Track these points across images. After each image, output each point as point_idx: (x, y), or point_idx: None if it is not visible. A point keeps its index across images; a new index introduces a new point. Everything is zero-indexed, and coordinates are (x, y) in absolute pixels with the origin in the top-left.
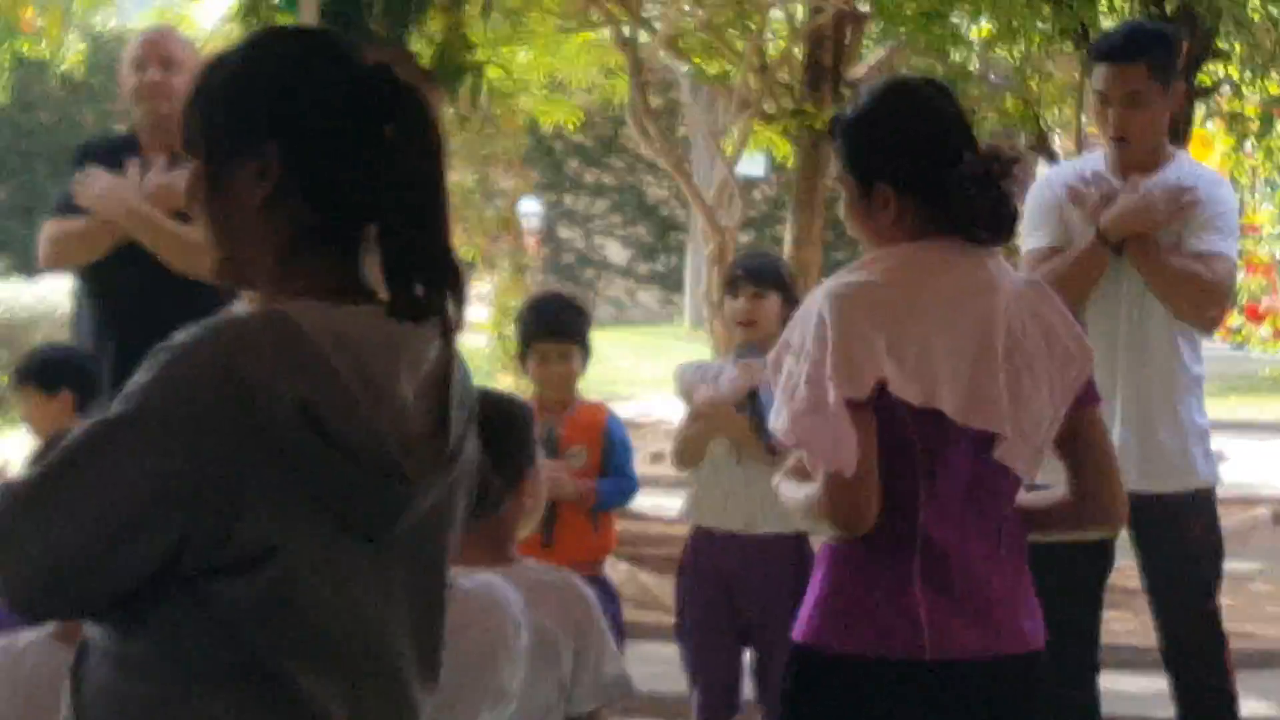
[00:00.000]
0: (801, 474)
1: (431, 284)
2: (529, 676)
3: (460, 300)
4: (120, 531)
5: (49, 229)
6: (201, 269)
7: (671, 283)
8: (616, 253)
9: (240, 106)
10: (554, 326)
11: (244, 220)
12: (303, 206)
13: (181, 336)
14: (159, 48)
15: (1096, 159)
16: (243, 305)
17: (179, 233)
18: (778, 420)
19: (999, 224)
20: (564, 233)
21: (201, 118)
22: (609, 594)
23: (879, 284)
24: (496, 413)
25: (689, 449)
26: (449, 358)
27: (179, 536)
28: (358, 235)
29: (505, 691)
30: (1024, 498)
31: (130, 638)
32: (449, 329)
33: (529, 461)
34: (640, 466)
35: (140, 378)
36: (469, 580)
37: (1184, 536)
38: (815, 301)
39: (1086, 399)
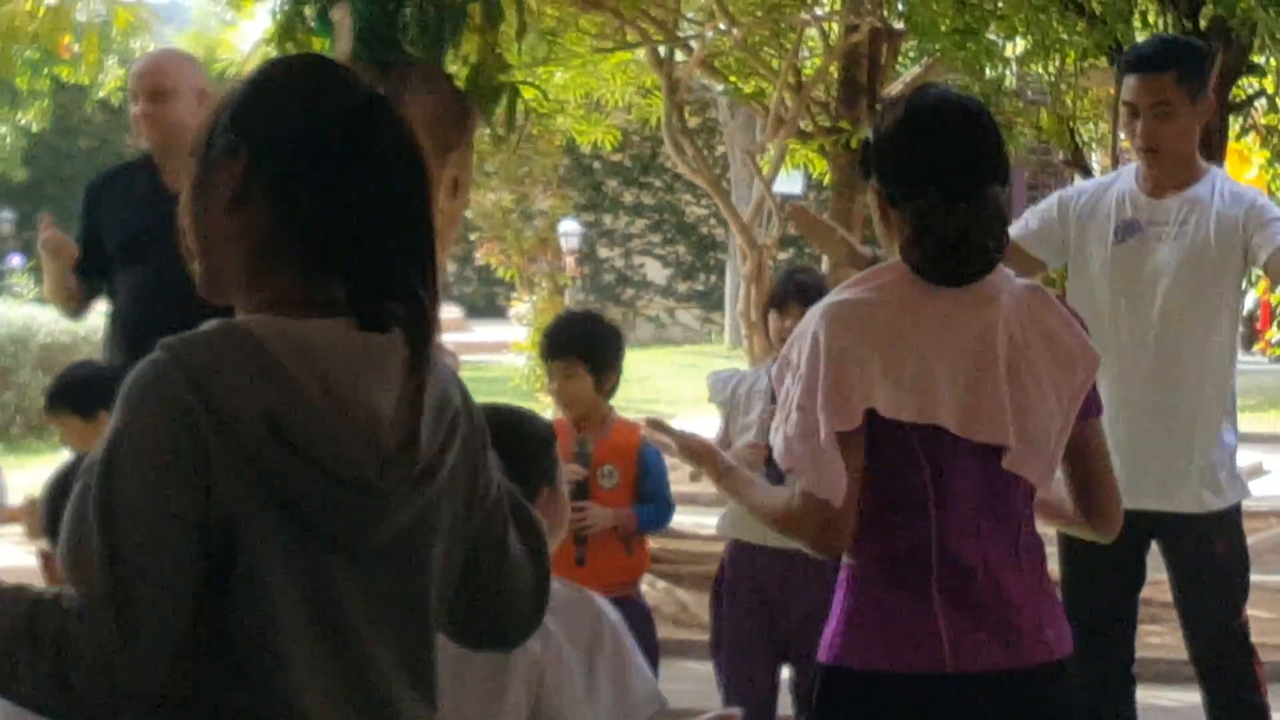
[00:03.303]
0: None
1: (397, 298)
2: None
3: (429, 315)
4: (160, 570)
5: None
6: None
7: (711, 301)
8: (656, 272)
9: (225, 118)
10: (556, 345)
11: (215, 226)
12: (266, 214)
13: (143, 363)
14: (144, 80)
15: (1127, 175)
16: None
17: None
18: (775, 439)
19: (940, 271)
20: (603, 252)
21: (203, 131)
22: (642, 614)
23: (875, 301)
24: (507, 429)
25: None
26: (420, 369)
27: (197, 553)
28: (324, 248)
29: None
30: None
31: None
32: (417, 342)
33: (545, 479)
34: (680, 485)
35: (117, 417)
36: None
37: (1210, 554)
38: (812, 319)
39: (1091, 409)
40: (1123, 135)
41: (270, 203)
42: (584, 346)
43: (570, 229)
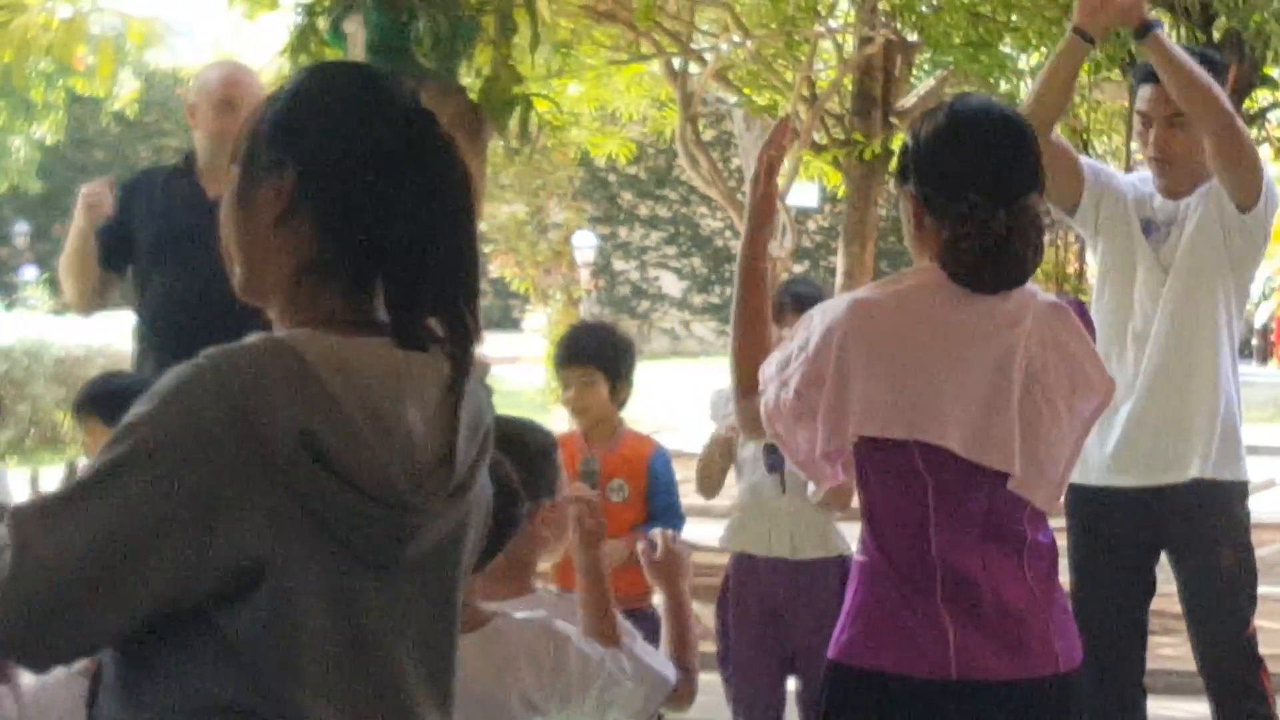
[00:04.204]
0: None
1: (441, 314)
2: None
3: (469, 332)
4: (126, 556)
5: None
6: None
7: (726, 314)
8: (671, 284)
9: (274, 129)
10: (572, 352)
11: (259, 239)
12: (313, 233)
13: (182, 367)
14: (223, 90)
15: (1145, 178)
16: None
17: None
18: (765, 395)
19: (978, 277)
20: (618, 265)
21: (246, 137)
22: (654, 627)
23: (901, 307)
24: (507, 439)
25: (704, 476)
26: (459, 387)
27: (187, 566)
28: (369, 268)
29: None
30: None
31: (139, 673)
32: (458, 359)
33: (544, 492)
34: (693, 497)
35: (143, 408)
36: (523, 613)
37: (1217, 565)
38: (839, 307)
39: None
40: (1136, 147)
41: (318, 221)
42: (601, 354)
43: (585, 241)
